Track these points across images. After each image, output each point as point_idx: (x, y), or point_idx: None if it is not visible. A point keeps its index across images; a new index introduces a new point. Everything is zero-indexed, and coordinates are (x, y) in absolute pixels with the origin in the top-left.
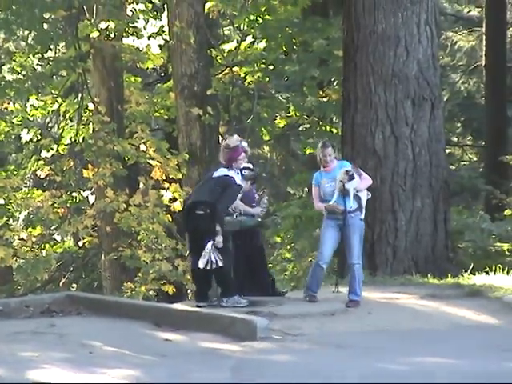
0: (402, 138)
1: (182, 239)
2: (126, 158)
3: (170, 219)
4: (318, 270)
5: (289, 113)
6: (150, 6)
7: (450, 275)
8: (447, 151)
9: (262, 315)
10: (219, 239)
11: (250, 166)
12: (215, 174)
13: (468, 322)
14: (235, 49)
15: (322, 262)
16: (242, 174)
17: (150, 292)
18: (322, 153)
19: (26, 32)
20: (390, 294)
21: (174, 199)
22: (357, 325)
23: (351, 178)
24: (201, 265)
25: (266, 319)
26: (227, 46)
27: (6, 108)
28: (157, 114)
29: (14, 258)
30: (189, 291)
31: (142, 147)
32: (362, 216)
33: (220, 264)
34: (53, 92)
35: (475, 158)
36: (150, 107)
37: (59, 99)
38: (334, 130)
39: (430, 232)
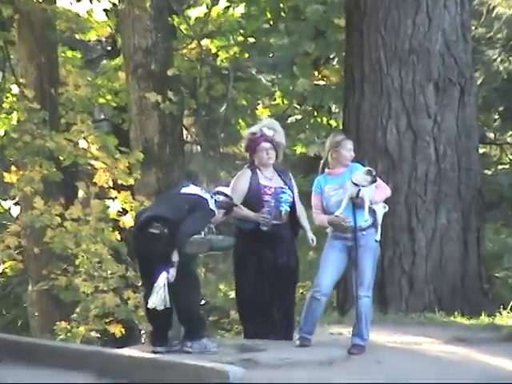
0: (421, 134)
1: (134, 264)
2: (61, 158)
3: (119, 238)
4: (315, 305)
5: (274, 100)
6: None
7: (483, 313)
8: (481, 151)
9: (238, 363)
10: (173, 272)
11: (226, 190)
12: (184, 190)
13: (508, 374)
14: (205, 15)
15: (320, 294)
16: (215, 200)
17: (92, 333)
18: (342, 148)
19: None
20: (406, 337)
21: (123, 212)
22: (362, 378)
23: (374, 180)
24: (150, 304)
25: (241, 368)
26: (194, 12)
27: None
28: (102, 101)
29: None
30: (142, 332)
31: (83, 144)
32: (378, 237)
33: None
34: None
35: None
36: (92, 91)
37: None
38: (334, 123)
39: (457, 256)
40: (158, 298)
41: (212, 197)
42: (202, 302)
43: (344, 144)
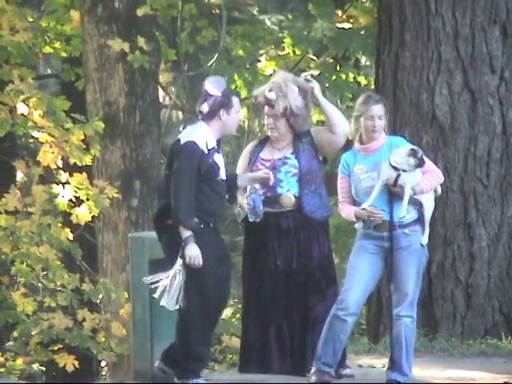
0: (483, 95)
1: (93, 272)
2: None
3: (71, 237)
4: (339, 327)
5: (283, 49)
6: None
7: None
8: None
9: None
10: (192, 251)
11: None
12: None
13: None
14: None
15: (346, 314)
16: None
17: (34, 366)
18: (367, 113)
19: None
20: (461, 371)
21: (77, 201)
22: None
23: (422, 163)
24: (163, 302)
25: None
26: None
27: None
28: (48, 50)
29: None
30: (102, 364)
31: (22, 108)
32: (425, 238)
33: (175, 306)
34: None
35: None
36: (35, 37)
37: None
38: (363, 81)
39: None
40: (166, 293)
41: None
42: None
43: (369, 108)
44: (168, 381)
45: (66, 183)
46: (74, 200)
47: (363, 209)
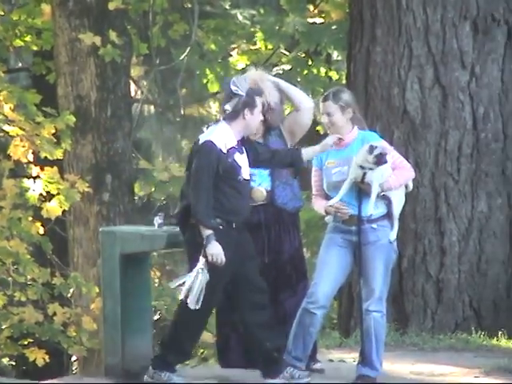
0: (453, 90)
1: (64, 267)
2: None
3: (41, 231)
4: (308, 321)
5: (254, 43)
6: None
7: None
8: None
9: None
10: (214, 249)
11: None
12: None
13: None
14: None
15: (316, 307)
16: None
17: (4, 361)
18: (321, 110)
19: None
20: (431, 365)
21: (47, 196)
22: None
23: (380, 161)
24: (190, 302)
25: None
26: None
27: None
28: (19, 43)
29: None
30: (73, 359)
31: None
32: (394, 234)
33: (195, 306)
34: None
35: None
36: (6, 30)
37: None
38: (335, 75)
39: (502, 257)
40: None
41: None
42: (155, 317)
43: (321, 105)
44: (139, 379)
45: (36, 177)
46: (44, 194)
47: (330, 205)
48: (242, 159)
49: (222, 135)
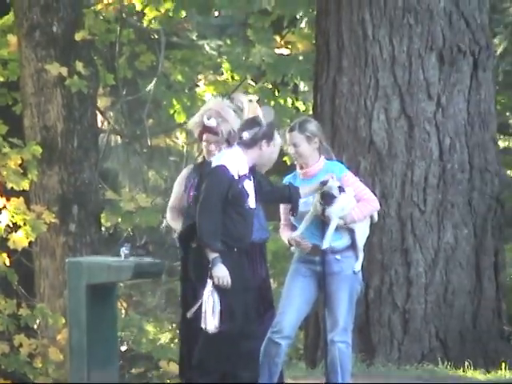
0: (420, 121)
1: (30, 297)
2: None
3: (7, 262)
4: (274, 351)
5: (221, 74)
6: None
7: (505, 364)
8: (501, 144)
9: None
10: (220, 272)
11: None
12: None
13: None
14: None
15: (280, 337)
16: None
17: None
18: (287, 141)
19: None
20: None
21: (14, 227)
22: None
23: (326, 201)
24: (206, 326)
25: None
26: None
27: None
28: None
29: None
30: None
31: None
32: (358, 265)
33: (214, 329)
34: None
35: None
36: None
37: None
38: (301, 106)
39: (468, 287)
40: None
41: None
42: (122, 348)
43: (286, 136)
44: None
45: (3, 208)
46: (11, 225)
47: (293, 237)
48: (250, 187)
49: (236, 161)
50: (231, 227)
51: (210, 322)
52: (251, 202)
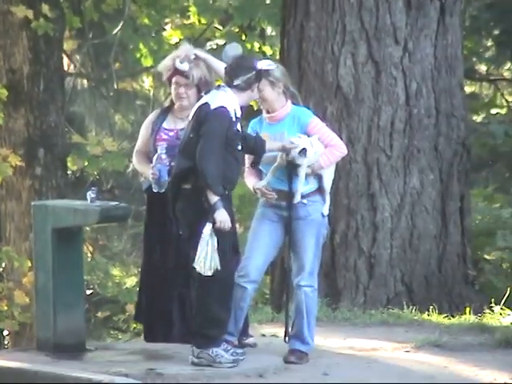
0: (386, 66)
1: None
2: None
3: None
4: (240, 295)
5: (188, 18)
6: None
7: (468, 309)
8: (467, 89)
9: (139, 376)
10: (222, 215)
11: None
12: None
13: None
14: None
15: (246, 281)
16: None
17: None
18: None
19: None
20: (363, 340)
21: None
22: None
23: (301, 155)
24: (203, 269)
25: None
26: None
27: None
28: None
29: None
30: (5, 333)
31: None
32: (326, 208)
33: (209, 272)
34: None
35: None
36: None
37: None
38: (268, 51)
39: (434, 232)
40: (203, 259)
41: None
42: (88, 291)
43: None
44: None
45: None
46: None
47: (258, 188)
48: (240, 129)
49: (233, 102)
50: (227, 171)
51: (207, 266)
52: (239, 145)
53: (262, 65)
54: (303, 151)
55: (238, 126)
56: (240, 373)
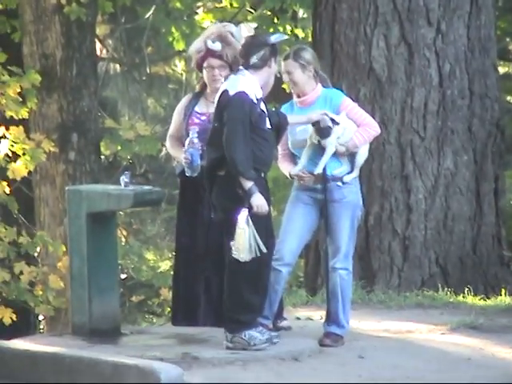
0: (419, 47)
1: (30, 225)
2: None
3: (7, 191)
4: (274, 279)
5: (220, 2)
6: None
7: (504, 290)
8: (501, 70)
9: (174, 360)
10: (259, 200)
11: None
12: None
13: None
14: None
15: (281, 264)
16: None
17: None
18: (282, 69)
19: None
20: (398, 322)
21: (13, 156)
22: (339, 378)
23: (325, 134)
24: (243, 255)
25: (177, 367)
26: None
27: None
28: None
29: None
30: (40, 318)
31: None
32: (349, 177)
33: (263, 249)
34: None
35: None
36: None
37: None
38: (301, 33)
39: (468, 214)
40: (242, 245)
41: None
42: (122, 276)
43: (283, 65)
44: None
45: (2, 137)
46: (10, 155)
47: (294, 173)
48: (264, 108)
49: (252, 85)
50: (258, 152)
51: (247, 251)
52: (268, 123)
53: (275, 39)
54: (331, 120)
55: (262, 106)
56: (275, 356)
